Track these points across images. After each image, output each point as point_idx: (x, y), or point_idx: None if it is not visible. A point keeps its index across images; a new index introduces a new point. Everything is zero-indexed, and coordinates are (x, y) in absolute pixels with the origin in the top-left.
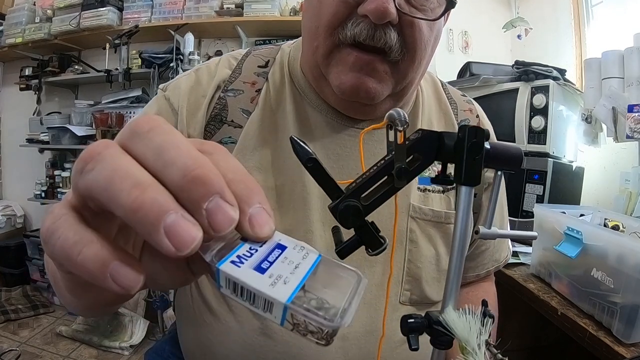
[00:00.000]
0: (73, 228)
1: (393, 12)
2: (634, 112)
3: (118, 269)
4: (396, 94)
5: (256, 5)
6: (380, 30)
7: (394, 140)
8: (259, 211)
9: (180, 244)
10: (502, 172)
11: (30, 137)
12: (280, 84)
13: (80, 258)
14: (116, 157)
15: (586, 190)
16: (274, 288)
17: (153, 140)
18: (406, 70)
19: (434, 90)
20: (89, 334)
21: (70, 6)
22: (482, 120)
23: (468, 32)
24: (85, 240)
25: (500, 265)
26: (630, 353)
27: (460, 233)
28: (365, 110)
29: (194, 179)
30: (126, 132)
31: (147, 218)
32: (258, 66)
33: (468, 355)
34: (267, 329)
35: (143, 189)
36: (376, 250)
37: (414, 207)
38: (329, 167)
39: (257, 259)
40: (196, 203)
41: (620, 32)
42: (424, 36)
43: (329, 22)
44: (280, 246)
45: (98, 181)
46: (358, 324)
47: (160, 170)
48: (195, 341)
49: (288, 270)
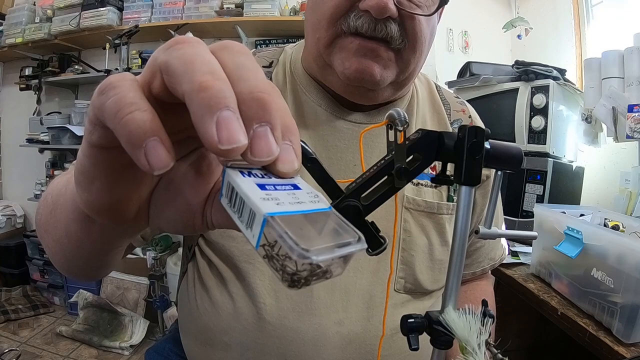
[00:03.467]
0: (136, 92)
1: (392, 8)
2: (634, 112)
3: (155, 144)
4: (397, 83)
5: (256, 5)
6: (381, 24)
7: (394, 140)
8: (287, 149)
9: (224, 139)
10: (502, 172)
11: (30, 137)
12: (283, 83)
13: (129, 117)
14: (204, 50)
15: (586, 190)
16: (263, 201)
17: (239, 58)
18: (409, 58)
19: (429, 91)
20: (89, 334)
21: (70, 6)
22: (475, 121)
23: (468, 32)
24: (141, 106)
25: (496, 264)
26: (630, 353)
27: (461, 233)
28: (368, 95)
29: (258, 99)
30: (218, 44)
31: (208, 101)
32: (262, 66)
33: (468, 355)
34: (266, 314)
35: (216, 78)
36: (376, 250)
37: (408, 198)
38: (328, 158)
39: (265, 181)
40: (250, 120)
41: (620, 32)
42: (423, 29)
43: (331, 14)
44: (295, 185)
45: (182, 56)
46: (354, 310)
47: (235, 80)
48: (196, 333)
49: (288, 200)
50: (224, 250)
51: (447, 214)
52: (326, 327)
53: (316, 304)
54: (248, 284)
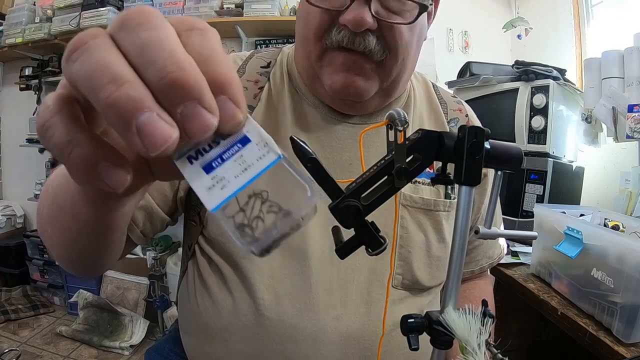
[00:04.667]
0: (66, 126)
1: (369, 22)
2: (634, 112)
3: (106, 169)
4: (384, 91)
5: (256, 5)
6: (359, 37)
7: (394, 140)
8: (225, 105)
9: (151, 145)
10: (502, 172)
11: (30, 137)
12: (280, 83)
13: (72, 157)
14: (101, 49)
15: (586, 190)
16: (208, 193)
17: (139, 36)
18: (390, 67)
19: (426, 91)
20: (89, 334)
21: (70, 6)
22: (472, 120)
23: (468, 32)
24: (76, 141)
25: (494, 263)
26: (630, 353)
27: (461, 233)
28: (356, 107)
29: (170, 82)
30: (117, 22)
31: (121, 115)
32: (261, 66)
33: (468, 355)
34: (265, 310)
35: (119, 85)
36: (376, 250)
37: (405, 195)
38: (324, 158)
39: (211, 156)
40: (171, 106)
41: (620, 32)
42: (404, 37)
43: (316, 30)
44: (244, 140)
45: (80, 73)
46: (352, 306)
47: (142, 69)
48: (196, 331)
49: (234, 173)
50: (224, 248)
51: (444, 210)
52: (324, 322)
53: (314, 300)
54: (247, 281)
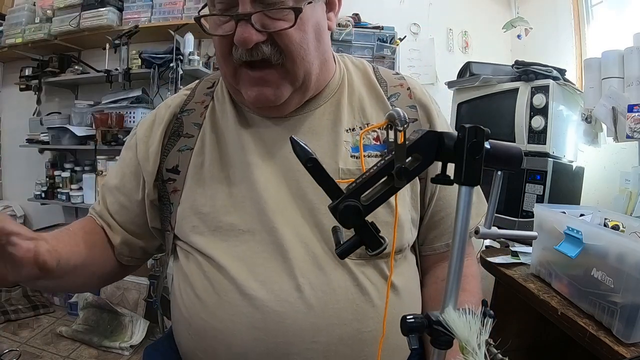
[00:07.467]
0: None
1: (254, 38)
2: (634, 112)
3: None
4: (299, 89)
5: None
6: (254, 50)
7: (394, 140)
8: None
9: None
10: (502, 172)
11: (30, 137)
12: (222, 97)
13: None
14: None
15: (586, 190)
16: None
17: None
18: (293, 69)
19: (363, 73)
20: (89, 334)
21: (70, 6)
22: (414, 92)
23: (468, 32)
24: None
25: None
26: (630, 353)
27: (460, 233)
28: (277, 109)
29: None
30: None
31: None
32: (207, 88)
33: (468, 355)
34: (255, 300)
35: None
36: (376, 250)
37: (343, 170)
38: (265, 152)
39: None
40: None
41: (620, 32)
42: (294, 39)
43: (221, 54)
44: None
45: None
46: (311, 275)
47: None
48: (186, 327)
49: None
50: (195, 245)
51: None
52: (288, 294)
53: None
54: (226, 273)
